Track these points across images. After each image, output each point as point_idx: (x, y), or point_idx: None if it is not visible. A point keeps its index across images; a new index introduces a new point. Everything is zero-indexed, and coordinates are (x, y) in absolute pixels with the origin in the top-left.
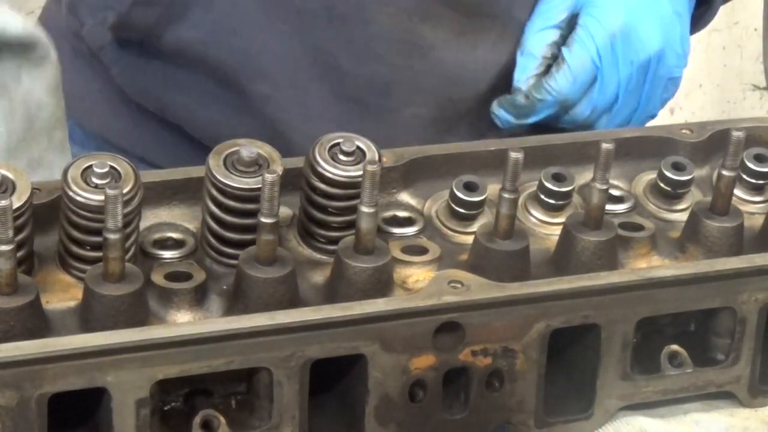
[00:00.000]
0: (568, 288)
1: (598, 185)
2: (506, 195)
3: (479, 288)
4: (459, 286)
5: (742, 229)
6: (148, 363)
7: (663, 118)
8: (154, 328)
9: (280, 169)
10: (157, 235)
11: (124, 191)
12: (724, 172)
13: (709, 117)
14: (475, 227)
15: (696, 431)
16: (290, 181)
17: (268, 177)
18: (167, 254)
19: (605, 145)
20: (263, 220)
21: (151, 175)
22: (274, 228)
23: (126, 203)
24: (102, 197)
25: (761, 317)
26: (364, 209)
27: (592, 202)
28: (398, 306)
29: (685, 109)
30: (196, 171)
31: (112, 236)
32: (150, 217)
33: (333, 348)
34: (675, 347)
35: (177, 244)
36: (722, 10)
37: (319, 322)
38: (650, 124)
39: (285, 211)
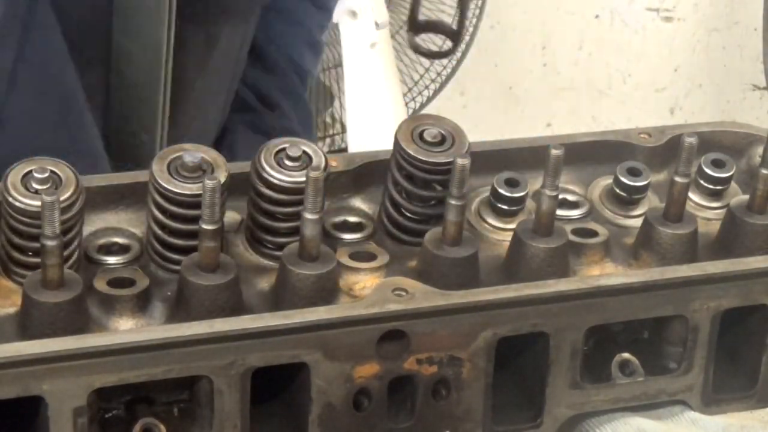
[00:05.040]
0: (514, 296)
1: (548, 191)
2: (453, 201)
3: (424, 296)
4: (403, 294)
5: (696, 236)
6: (85, 371)
7: (663, 118)
8: (91, 336)
9: (222, 176)
10: (102, 240)
11: (64, 197)
12: (677, 179)
13: (709, 117)
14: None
15: (694, 430)
16: (239, 186)
17: (208, 183)
18: (112, 260)
19: (554, 151)
20: (204, 226)
21: (97, 179)
22: (216, 234)
23: (66, 209)
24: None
25: (714, 325)
26: (308, 216)
27: (542, 209)
28: (340, 314)
29: (685, 109)
30: (143, 175)
31: (49, 243)
32: (96, 222)
33: (274, 356)
34: (626, 355)
35: (122, 250)
36: (722, 10)
37: (259, 330)
38: (612, 127)
39: (233, 216)
